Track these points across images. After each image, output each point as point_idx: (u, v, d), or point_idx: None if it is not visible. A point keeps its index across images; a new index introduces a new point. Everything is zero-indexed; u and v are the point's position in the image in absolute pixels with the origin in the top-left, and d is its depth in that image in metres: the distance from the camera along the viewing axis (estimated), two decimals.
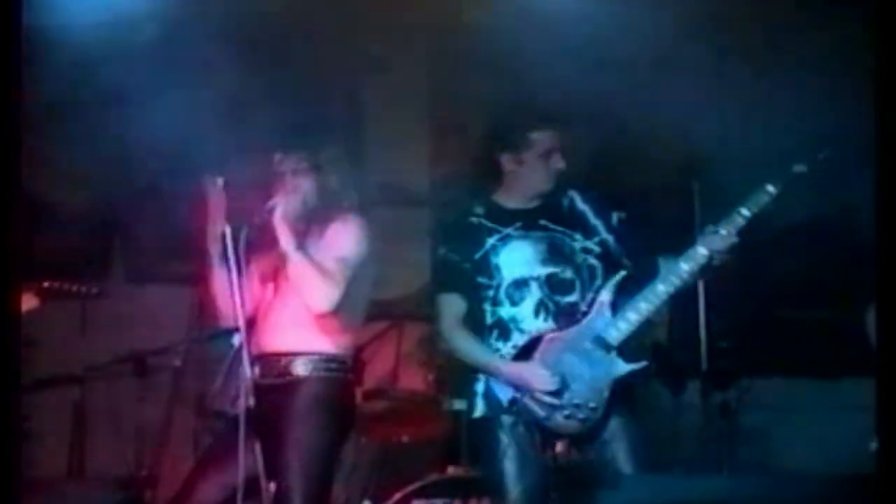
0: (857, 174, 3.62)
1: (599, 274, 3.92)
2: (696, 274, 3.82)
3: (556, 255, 3.92)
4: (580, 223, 3.96)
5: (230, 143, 4.11)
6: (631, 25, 4.81)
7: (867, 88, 3.20)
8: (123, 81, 4.83)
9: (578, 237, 3.95)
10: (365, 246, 3.91)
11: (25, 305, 4.52)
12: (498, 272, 3.92)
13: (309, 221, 3.94)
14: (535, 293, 3.90)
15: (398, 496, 4.59)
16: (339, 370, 3.93)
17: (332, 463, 3.92)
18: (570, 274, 3.91)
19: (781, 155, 3.85)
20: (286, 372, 3.89)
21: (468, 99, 5.60)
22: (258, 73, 4.91)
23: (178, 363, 5.24)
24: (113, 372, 5.36)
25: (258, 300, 3.99)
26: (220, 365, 3.91)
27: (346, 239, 3.90)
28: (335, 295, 3.81)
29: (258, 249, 3.90)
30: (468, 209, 4.01)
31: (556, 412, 3.78)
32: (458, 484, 4.64)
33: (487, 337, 3.92)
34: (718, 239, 3.75)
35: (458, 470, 4.74)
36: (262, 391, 3.75)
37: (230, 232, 3.78)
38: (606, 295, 3.85)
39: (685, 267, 3.77)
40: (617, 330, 3.80)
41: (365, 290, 3.96)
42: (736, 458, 5.17)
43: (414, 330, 5.39)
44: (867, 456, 3.42)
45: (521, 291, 3.91)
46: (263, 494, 3.66)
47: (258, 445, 3.64)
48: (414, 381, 5.32)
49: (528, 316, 3.89)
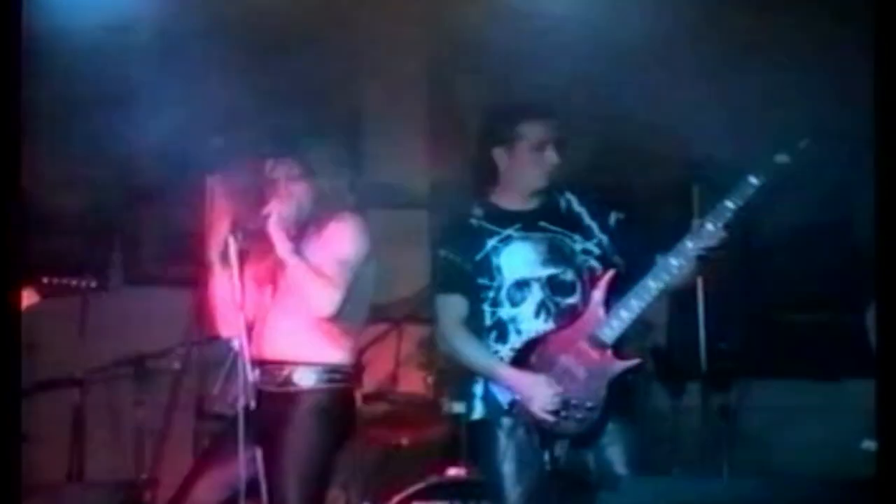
0: (847, 166, 3.63)
1: (599, 275, 3.92)
2: (686, 269, 3.81)
3: (556, 256, 3.91)
4: (578, 224, 3.96)
5: (230, 145, 4.10)
6: (631, 25, 4.81)
7: (869, 87, 3.20)
8: (124, 83, 4.83)
9: (578, 238, 3.94)
10: (363, 246, 3.90)
11: (25, 302, 4.52)
12: (499, 273, 3.91)
13: (305, 225, 3.93)
14: (536, 294, 3.89)
15: (397, 499, 4.59)
16: (341, 380, 3.93)
17: (328, 471, 3.92)
18: (570, 275, 3.91)
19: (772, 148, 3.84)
20: (288, 381, 3.87)
21: (467, 100, 5.60)
22: (258, 75, 4.92)
23: (177, 366, 5.24)
24: (112, 375, 5.37)
25: (256, 305, 3.97)
26: (219, 368, 3.91)
27: (343, 241, 3.89)
28: (336, 298, 3.80)
29: (254, 255, 3.90)
30: (467, 211, 4.01)
31: (554, 414, 3.78)
32: (457, 486, 4.63)
33: (486, 338, 3.92)
34: (705, 233, 3.74)
35: (457, 472, 4.73)
36: (262, 397, 3.75)
37: (232, 241, 3.79)
38: (598, 294, 3.85)
39: (674, 262, 3.76)
40: (610, 328, 3.78)
41: (366, 292, 3.95)
42: (735, 460, 5.16)
43: (413, 332, 5.38)
44: (864, 457, 3.42)
45: (522, 292, 3.90)
46: (263, 497, 3.66)
47: (258, 448, 3.64)
48: (413, 383, 5.32)
49: (528, 317, 3.88)
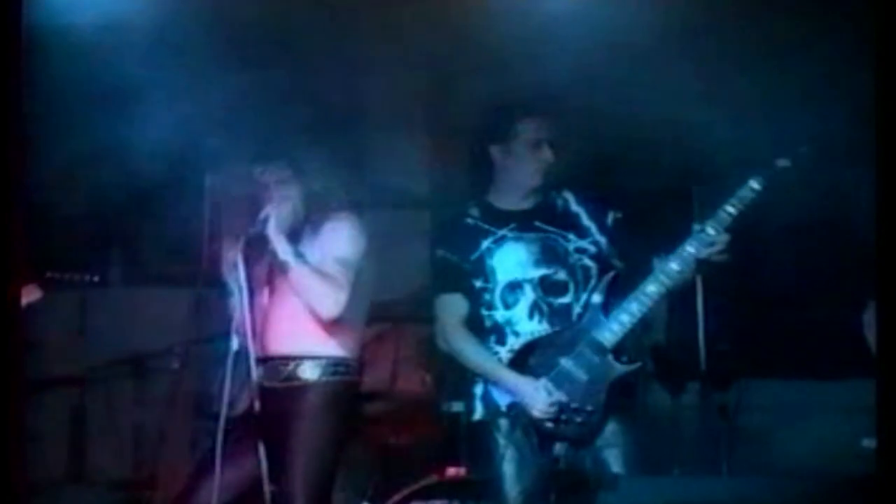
0: (845, 169, 3.63)
1: (594, 274, 3.91)
2: (687, 273, 3.81)
3: (549, 256, 3.91)
4: (574, 224, 3.95)
5: (228, 145, 4.09)
6: (631, 25, 4.80)
7: (869, 87, 3.20)
8: (124, 82, 4.82)
9: (572, 237, 3.93)
10: (362, 244, 3.90)
11: (27, 297, 4.52)
12: (493, 275, 3.91)
13: (300, 226, 3.93)
14: (528, 295, 3.89)
15: (396, 498, 4.58)
16: (346, 373, 3.93)
17: (335, 466, 3.92)
18: (563, 275, 3.90)
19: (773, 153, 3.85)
20: (293, 376, 3.88)
21: (467, 99, 5.59)
22: (258, 75, 4.90)
23: (176, 365, 5.23)
24: (112, 374, 5.37)
25: (256, 306, 3.96)
26: (219, 367, 3.91)
27: (342, 240, 3.89)
28: (342, 299, 3.81)
29: (252, 257, 3.90)
30: (464, 210, 4.01)
31: (553, 415, 3.78)
32: (456, 486, 4.63)
33: (486, 341, 3.92)
34: (705, 237, 3.75)
35: (456, 472, 4.73)
36: (266, 394, 3.75)
37: (235, 250, 3.79)
38: (598, 297, 3.84)
39: (675, 267, 3.77)
40: (611, 332, 3.79)
41: (366, 288, 3.95)
42: (735, 459, 5.15)
43: (413, 332, 5.38)
44: (864, 456, 3.42)
45: (514, 294, 3.90)
46: (266, 497, 3.65)
47: (262, 447, 3.64)
48: (412, 383, 5.31)
49: (522, 319, 3.88)
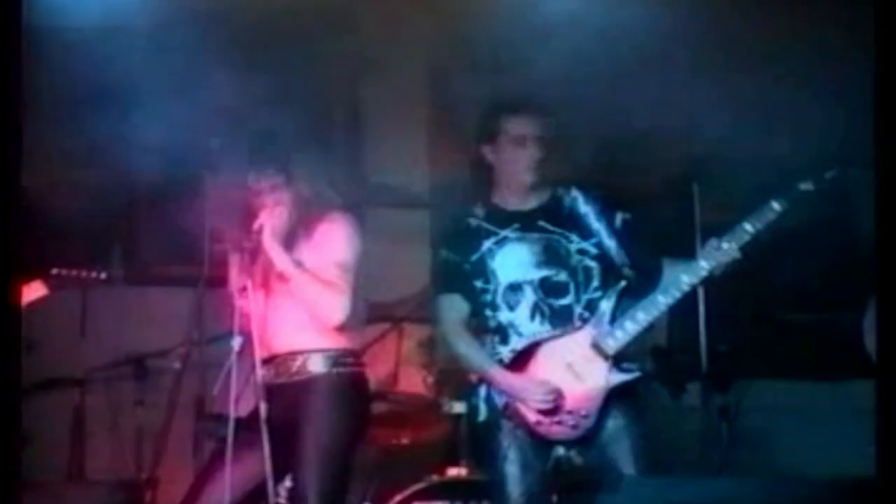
0: (847, 165, 3.62)
1: (595, 275, 3.89)
2: (697, 285, 3.82)
3: (550, 257, 3.89)
4: (581, 225, 3.93)
5: (227, 146, 4.08)
6: (632, 25, 4.80)
7: (869, 86, 3.20)
8: (124, 81, 4.83)
9: (575, 238, 3.91)
10: (358, 245, 3.90)
11: (33, 294, 4.54)
12: (494, 277, 3.90)
13: (293, 230, 3.92)
14: (529, 297, 3.88)
15: (398, 499, 4.59)
16: (354, 364, 3.94)
17: (349, 460, 3.91)
18: (563, 277, 3.89)
19: (782, 160, 3.84)
20: (302, 370, 3.88)
21: (467, 99, 5.59)
22: (258, 74, 4.91)
23: (177, 366, 5.23)
24: (113, 375, 5.36)
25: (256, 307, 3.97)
26: (219, 368, 3.91)
27: (338, 242, 3.89)
28: (347, 304, 3.81)
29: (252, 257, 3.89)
30: (468, 210, 4.00)
31: (546, 418, 3.78)
32: (457, 486, 4.63)
33: (490, 341, 3.92)
34: (721, 254, 3.74)
35: (457, 472, 4.73)
36: (274, 391, 3.75)
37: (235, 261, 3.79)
38: (607, 304, 3.84)
39: (686, 279, 3.77)
40: (614, 339, 3.78)
41: (361, 286, 3.94)
42: (735, 460, 5.15)
43: (414, 332, 5.38)
44: (867, 459, 3.42)
45: (516, 296, 3.89)
46: (270, 498, 3.65)
47: (268, 446, 3.64)
48: (414, 383, 5.31)
49: (524, 320, 3.88)
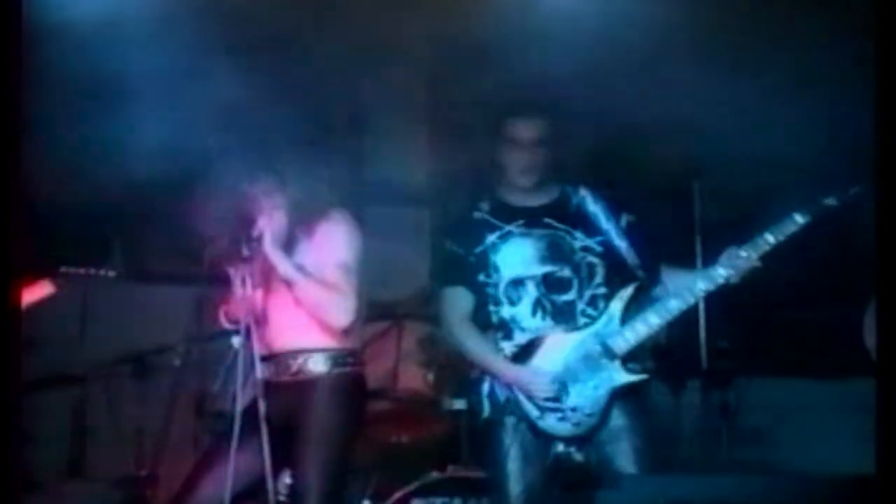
0: (847, 165, 3.63)
1: (599, 272, 3.91)
2: (713, 290, 3.82)
3: (554, 253, 3.90)
4: (587, 223, 3.94)
5: (226, 145, 4.08)
6: (632, 25, 4.80)
7: (869, 85, 3.20)
8: (123, 79, 4.82)
9: (579, 235, 3.93)
10: (358, 244, 3.90)
11: (41, 293, 4.55)
12: (496, 271, 3.91)
13: (294, 231, 3.92)
14: (531, 292, 3.89)
15: (398, 495, 4.59)
16: (354, 364, 3.94)
17: (348, 458, 3.91)
18: (567, 272, 3.90)
19: (782, 160, 3.84)
20: (302, 370, 3.88)
21: (468, 98, 5.59)
22: (257, 74, 4.90)
23: (177, 363, 5.23)
24: (113, 372, 5.36)
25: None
26: (220, 365, 3.91)
27: (338, 242, 3.89)
28: (352, 306, 3.81)
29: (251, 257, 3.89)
30: (473, 204, 4.01)
31: (549, 413, 3.78)
32: (457, 483, 4.63)
33: (493, 336, 3.92)
34: (740, 262, 3.75)
35: (457, 469, 4.73)
36: (272, 390, 3.75)
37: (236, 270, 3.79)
38: (618, 304, 3.84)
39: (702, 286, 3.78)
40: (624, 340, 3.80)
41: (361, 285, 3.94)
42: (735, 457, 5.17)
43: (414, 330, 5.38)
44: (867, 456, 3.42)
45: (518, 291, 3.90)
46: (270, 496, 3.65)
47: (266, 444, 3.64)
48: (414, 380, 5.31)
49: (526, 315, 3.88)
